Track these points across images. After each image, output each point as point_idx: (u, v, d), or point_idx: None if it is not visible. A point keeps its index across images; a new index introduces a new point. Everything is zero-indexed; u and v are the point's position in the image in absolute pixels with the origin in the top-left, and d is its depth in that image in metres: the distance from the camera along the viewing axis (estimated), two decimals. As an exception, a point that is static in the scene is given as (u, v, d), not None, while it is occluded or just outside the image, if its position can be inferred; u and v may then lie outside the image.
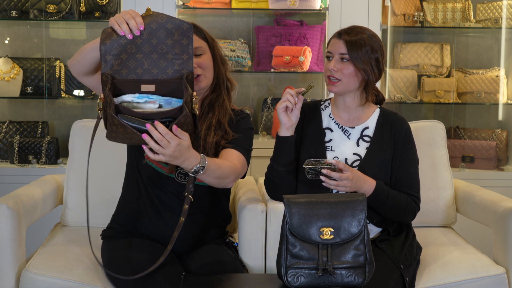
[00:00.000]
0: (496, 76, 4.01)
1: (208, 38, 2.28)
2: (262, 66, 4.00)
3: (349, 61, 2.28)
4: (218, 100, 2.28)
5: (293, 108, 2.23)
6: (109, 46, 1.89)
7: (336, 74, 2.28)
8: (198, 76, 2.21)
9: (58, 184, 2.74)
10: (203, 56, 2.24)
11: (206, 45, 2.26)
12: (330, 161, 2.17)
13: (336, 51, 2.30)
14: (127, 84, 1.90)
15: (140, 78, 1.91)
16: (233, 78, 2.35)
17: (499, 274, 2.35)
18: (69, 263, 2.25)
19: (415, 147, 2.37)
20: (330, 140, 2.36)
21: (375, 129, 2.36)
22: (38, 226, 2.73)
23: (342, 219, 1.95)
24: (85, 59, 2.00)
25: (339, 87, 2.30)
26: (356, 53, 2.26)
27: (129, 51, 1.90)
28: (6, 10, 3.81)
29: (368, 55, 2.27)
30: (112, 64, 1.89)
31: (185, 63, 1.92)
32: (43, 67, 3.90)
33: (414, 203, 2.31)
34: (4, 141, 3.88)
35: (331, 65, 2.29)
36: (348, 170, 2.15)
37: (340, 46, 2.29)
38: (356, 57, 2.26)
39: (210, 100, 2.28)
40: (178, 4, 3.75)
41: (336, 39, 2.32)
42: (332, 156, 2.33)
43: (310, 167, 2.15)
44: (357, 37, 2.28)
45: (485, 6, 4.05)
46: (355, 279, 1.93)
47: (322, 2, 3.87)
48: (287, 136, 2.26)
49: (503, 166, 3.97)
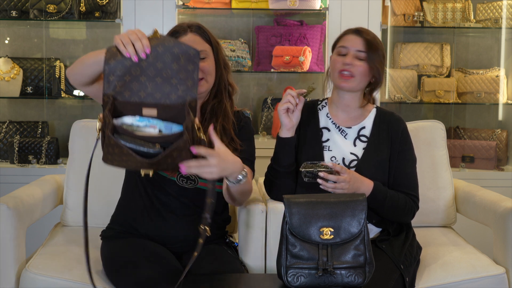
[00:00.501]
0: (496, 76, 4.01)
1: (212, 41, 2.26)
2: (262, 66, 4.00)
3: (363, 60, 2.27)
4: (221, 106, 2.26)
5: (294, 110, 2.23)
6: (113, 67, 1.85)
7: (351, 69, 2.28)
8: (200, 80, 2.19)
9: (58, 184, 2.74)
10: (206, 60, 2.22)
11: (210, 49, 2.25)
12: (327, 163, 2.16)
13: (353, 47, 2.28)
14: (129, 107, 1.87)
15: (142, 101, 1.87)
16: (234, 82, 2.33)
17: (499, 274, 2.35)
18: (69, 263, 2.25)
19: (412, 147, 2.37)
20: (328, 140, 2.36)
21: (372, 129, 2.35)
22: (38, 226, 2.73)
23: (342, 219, 1.95)
24: (86, 72, 1.97)
25: (352, 83, 2.29)
26: (373, 53, 2.26)
27: (133, 73, 1.86)
28: (6, 10, 3.81)
29: (380, 58, 2.28)
30: (115, 85, 1.86)
31: (189, 89, 1.88)
32: (43, 67, 3.90)
33: (412, 203, 2.31)
34: (4, 141, 3.88)
35: (348, 59, 2.28)
36: (345, 172, 2.15)
37: (358, 42, 2.28)
38: (373, 57, 2.26)
39: (212, 106, 2.26)
40: (178, 4, 3.75)
41: (353, 35, 2.31)
42: (329, 156, 2.32)
43: (307, 170, 2.15)
44: (375, 39, 2.29)
45: (485, 6, 4.05)
46: (355, 279, 1.93)
47: (322, 2, 3.87)
48: (288, 137, 2.26)
49: (503, 166, 3.97)
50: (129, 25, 3.63)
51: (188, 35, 2.22)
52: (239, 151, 2.23)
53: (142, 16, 3.63)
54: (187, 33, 2.23)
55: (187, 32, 2.23)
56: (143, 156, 1.83)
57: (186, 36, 2.22)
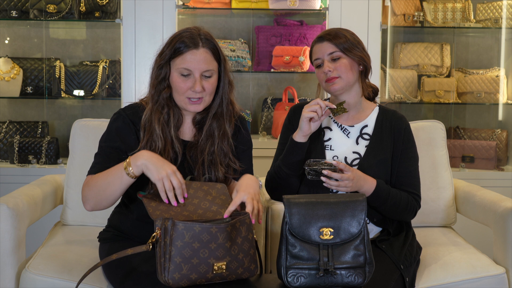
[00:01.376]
0: (496, 76, 4.01)
1: (221, 59, 2.18)
2: (262, 66, 4.00)
3: (341, 58, 2.28)
4: (219, 127, 2.21)
5: (317, 120, 2.23)
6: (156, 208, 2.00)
7: (333, 73, 2.29)
8: (200, 99, 2.14)
9: (58, 184, 2.75)
10: (211, 79, 2.15)
11: (216, 68, 2.16)
12: (331, 161, 2.16)
13: (324, 53, 2.30)
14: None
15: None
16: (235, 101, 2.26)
17: (499, 274, 2.35)
18: (69, 263, 2.25)
19: (415, 145, 2.37)
20: (329, 139, 2.36)
21: (375, 127, 2.36)
22: (38, 226, 2.73)
23: (342, 219, 1.95)
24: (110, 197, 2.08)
25: (339, 83, 2.30)
26: (344, 45, 2.27)
27: (175, 210, 2.01)
28: (6, 10, 3.81)
29: (354, 44, 2.29)
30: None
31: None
32: (43, 67, 3.90)
33: (414, 201, 2.31)
34: (4, 141, 3.88)
35: (325, 68, 2.29)
36: (349, 170, 2.15)
37: (326, 47, 2.30)
38: (347, 49, 2.27)
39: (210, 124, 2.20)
40: (178, 4, 3.74)
41: (318, 43, 2.33)
42: (331, 155, 2.33)
43: (311, 168, 2.14)
44: (338, 34, 2.30)
45: (485, 6, 4.05)
46: (355, 279, 1.93)
47: (322, 2, 3.87)
48: (302, 142, 2.26)
49: (503, 166, 3.97)
50: (129, 25, 3.63)
51: (200, 50, 2.11)
52: (238, 172, 2.22)
53: (142, 16, 3.63)
54: (198, 48, 2.11)
55: (199, 47, 2.11)
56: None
57: (198, 52, 2.11)
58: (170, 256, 1.84)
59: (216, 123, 2.21)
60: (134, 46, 3.64)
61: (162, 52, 2.16)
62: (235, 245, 1.90)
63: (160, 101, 2.17)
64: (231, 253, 1.89)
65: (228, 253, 1.89)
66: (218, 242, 1.87)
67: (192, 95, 2.13)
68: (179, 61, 2.12)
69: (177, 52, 2.12)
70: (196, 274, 1.86)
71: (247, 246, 1.93)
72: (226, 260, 1.88)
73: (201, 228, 1.86)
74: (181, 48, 2.11)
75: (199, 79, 2.11)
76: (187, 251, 1.85)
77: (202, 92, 2.13)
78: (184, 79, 2.12)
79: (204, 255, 1.86)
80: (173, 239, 1.84)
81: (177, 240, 1.84)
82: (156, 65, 2.17)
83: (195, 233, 1.85)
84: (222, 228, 1.86)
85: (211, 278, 1.89)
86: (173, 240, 1.84)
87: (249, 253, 1.94)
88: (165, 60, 2.14)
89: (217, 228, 1.86)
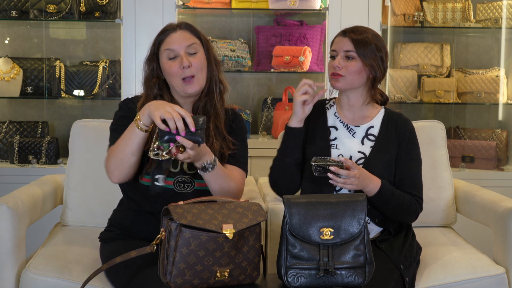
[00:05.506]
0: (496, 76, 4.01)
1: (202, 38, 2.25)
2: (262, 66, 4.00)
3: (354, 59, 2.28)
4: (211, 104, 2.24)
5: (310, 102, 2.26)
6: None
7: (340, 71, 2.29)
8: (192, 77, 2.18)
9: (58, 184, 2.74)
10: (197, 55, 2.21)
11: (200, 44, 2.23)
12: (338, 158, 2.17)
13: (341, 48, 2.30)
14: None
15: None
16: (225, 80, 2.30)
17: (499, 274, 2.35)
18: (69, 263, 2.25)
19: (419, 148, 2.38)
20: (335, 138, 2.36)
21: (380, 128, 2.36)
22: (38, 226, 2.73)
23: (342, 219, 1.95)
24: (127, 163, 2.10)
25: (341, 82, 2.30)
26: (363, 50, 2.27)
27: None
28: (6, 10, 3.81)
29: (374, 52, 2.28)
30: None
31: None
32: (43, 67, 3.90)
33: (417, 204, 2.31)
34: (4, 141, 3.88)
35: (336, 62, 2.30)
36: (356, 168, 2.16)
37: (345, 43, 2.30)
38: (363, 53, 2.27)
39: (204, 104, 2.25)
40: (178, 4, 3.75)
41: (341, 37, 2.33)
42: (336, 154, 2.33)
43: (318, 164, 2.15)
44: (362, 35, 2.29)
45: (485, 6, 4.05)
46: (355, 279, 1.93)
47: (322, 2, 3.87)
48: (298, 127, 2.27)
49: (503, 166, 3.97)
50: (129, 25, 3.63)
51: (178, 32, 2.21)
52: (232, 149, 2.23)
53: (142, 16, 3.63)
54: (176, 31, 2.22)
55: (176, 29, 2.22)
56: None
57: (176, 33, 2.21)
58: (174, 261, 1.84)
59: (209, 101, 2.25)
60: (134, 46, 3.64)
61: (149, 51, 2.27)
62: (240, 253, 1.91)
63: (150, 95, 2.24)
64: (235, 261, 1.90)
65: (232, 261, 1.89)
66: (224, 251, 1.87)
67: (184, 73, 2.17)
68: (163, 47, 2.22)
69: (160, 42, 2.23)
70: (198, 280, 1.87)
71: (252, 254, 1.93)
72: (229, 267, 1.89)
73: (207, 237, 1.85)
74: (162, 37, 2.23)
75: (185, 55, 2.18)
76: (192, 258, 1.85)
77: (191, 68, 2.17)
78: (172, 62, 2.19)
79: (208, 263, 1.86)
80: (178, 245, 1.84)
81: (182, 247, 1.84)
82: (145, 64, 2.29)
83: (202, 241, 1.85)
84: (228, 238, 1.87)
85: (213, 284, 1.90)
86: (178, 246, 1.84)
87: (253, 261, 1.94)
88: (152, 53, 2.25)
89: (223, 238, 1.86)
